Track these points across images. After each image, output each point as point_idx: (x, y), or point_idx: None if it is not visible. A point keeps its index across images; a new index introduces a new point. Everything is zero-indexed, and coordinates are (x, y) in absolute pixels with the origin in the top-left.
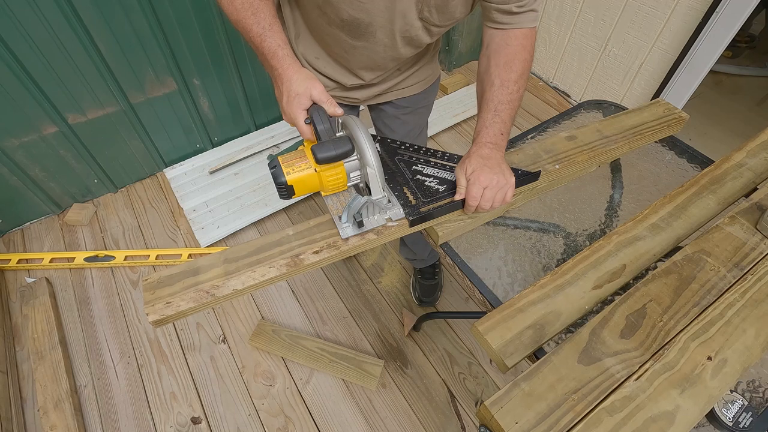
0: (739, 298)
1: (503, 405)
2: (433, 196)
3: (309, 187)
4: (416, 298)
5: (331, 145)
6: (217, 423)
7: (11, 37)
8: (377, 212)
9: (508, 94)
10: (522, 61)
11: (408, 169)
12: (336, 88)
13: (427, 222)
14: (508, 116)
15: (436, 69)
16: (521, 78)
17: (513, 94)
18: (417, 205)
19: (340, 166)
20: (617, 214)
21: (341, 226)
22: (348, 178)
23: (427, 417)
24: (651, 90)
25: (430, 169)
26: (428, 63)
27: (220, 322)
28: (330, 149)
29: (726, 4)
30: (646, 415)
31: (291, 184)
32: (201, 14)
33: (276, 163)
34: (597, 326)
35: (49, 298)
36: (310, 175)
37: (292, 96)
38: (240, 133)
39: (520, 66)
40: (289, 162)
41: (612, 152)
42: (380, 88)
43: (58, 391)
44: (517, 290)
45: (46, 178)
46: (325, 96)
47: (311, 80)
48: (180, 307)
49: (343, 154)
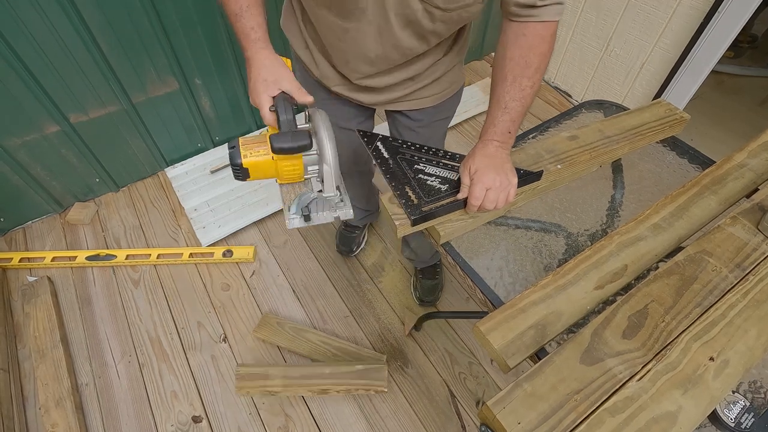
0: (741, 298)
1: (506, 405)
2: (435, 195)
3: (264, 173)
4: (417, 298)
5: (289, 137)
6: (217, 422)
7: (14, 37)
8: (327, 209)
9: (519, 91)
10: (538, 55)
11: (410, 168)
12: (342, 84)
13: (429, 221)
14: (518, 113)
15: (458, 77)
16: (536, 73)
17: (525, 90)
18: (419, 205)
19: (299, 159)
20: (619, 214)
21: (289, 216)
22: (305, 170)
23: (427, 417)
24: (652, 90)
25: (432, 168)
26: (449, 71)
27: (221, 321)
28: (287, 141)
29: (728, 4)
30: (649, 416)
31: (246, 167)
32: (203, 14)
33: (235, 144)
34: (599, 326)
35: (50, 296)
36: (267, 161)
37: (260, 81)
38: (241, 132)
39: (536, 60)
40: (248, 145)
41: (613, 152)
42: (388, 96)
43: (60, 390)
44: (518, 290)
45: (47, 177)
46: (295, 85)
47: (282, 68)
48: None
49: (299, 147)
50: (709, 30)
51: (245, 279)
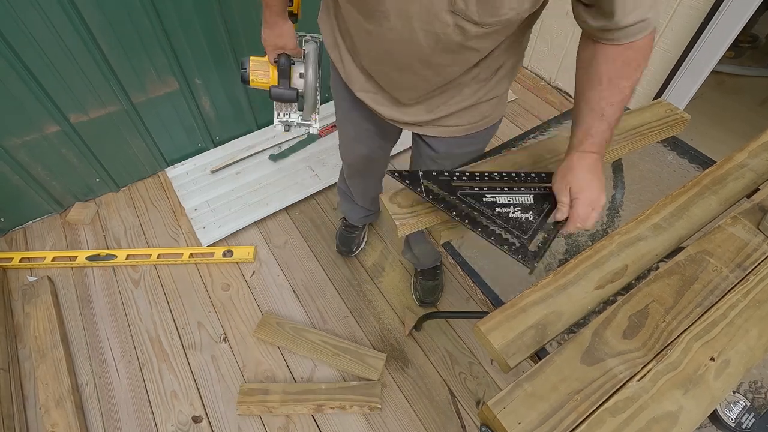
0: (742, 298)
1: (506, 405)
2: (528, 227)
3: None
4: (417, 299)
5: (282, 90)
6: (218, 422)
7: (14, 37)
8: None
9: (618, 93)
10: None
11: (481, 205)
12: (366, 92)
13: (541, 258)
14: (617, 119)
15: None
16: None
17: (625, 91)
18: (524, 245)
19: None
20: (619, 214)
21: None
22: None
23: (427, 417)
24: (653, 90)
25: (503, 196)
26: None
27: (221, 321)
28: (281, 95)
29: (728, 4)
30: (649, 416)
31: (251, 85)
32: (203, 14)
33: (246, 66)
34: (599, 326)
35: (50, 296)
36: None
37: (270, 43)
38: (242, 132)
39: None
40: (255, 71)
41: (614, 152)
42: (413, 116)
43: (60, 389)
44: (519, 290)
45: (48, 177)
46: (292, 46)
47: (282, 36)
48: None
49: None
50: (709, 30)
51: (245, 279)
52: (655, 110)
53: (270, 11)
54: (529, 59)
